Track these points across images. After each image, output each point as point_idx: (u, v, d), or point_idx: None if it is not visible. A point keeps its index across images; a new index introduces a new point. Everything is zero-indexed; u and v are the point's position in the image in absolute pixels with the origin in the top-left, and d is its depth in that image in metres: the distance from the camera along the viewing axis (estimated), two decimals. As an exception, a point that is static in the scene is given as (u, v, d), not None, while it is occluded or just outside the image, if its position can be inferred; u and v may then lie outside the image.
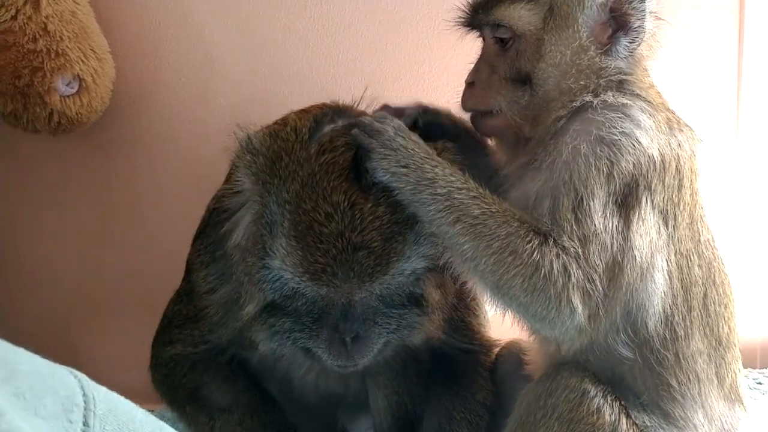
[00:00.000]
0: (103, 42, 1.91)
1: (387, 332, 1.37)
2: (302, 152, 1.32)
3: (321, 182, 1.29)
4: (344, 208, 1.27)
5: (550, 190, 1.27)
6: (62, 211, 2.11)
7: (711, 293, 1.38)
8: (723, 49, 2.18)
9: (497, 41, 1.38)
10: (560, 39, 1.33)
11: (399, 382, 1.57)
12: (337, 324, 1.32)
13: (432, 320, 1.41)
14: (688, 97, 2.13)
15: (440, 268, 1.34)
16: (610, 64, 1.33)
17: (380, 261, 1.28)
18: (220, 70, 2.05)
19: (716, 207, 2.15)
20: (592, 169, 1.25)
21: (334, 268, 1.27)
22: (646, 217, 1.28)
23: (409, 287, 1.36)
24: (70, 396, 0.89)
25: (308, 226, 1.27)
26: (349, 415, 1.76)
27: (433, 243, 1.32)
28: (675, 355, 1.34)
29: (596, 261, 1.23)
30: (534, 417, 1.33)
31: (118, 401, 0.98)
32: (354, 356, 1.34)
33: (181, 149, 2.08)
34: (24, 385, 0.84)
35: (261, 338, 1.39)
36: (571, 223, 1.24)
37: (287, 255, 1.29)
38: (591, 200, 1.24)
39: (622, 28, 1.33)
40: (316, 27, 2.06)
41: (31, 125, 1.85)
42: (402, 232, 1.30)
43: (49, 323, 2.11)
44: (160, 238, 2.08)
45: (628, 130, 1.27)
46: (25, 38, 1.77)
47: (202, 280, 1.51)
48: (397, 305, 1.36)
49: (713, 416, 1.37)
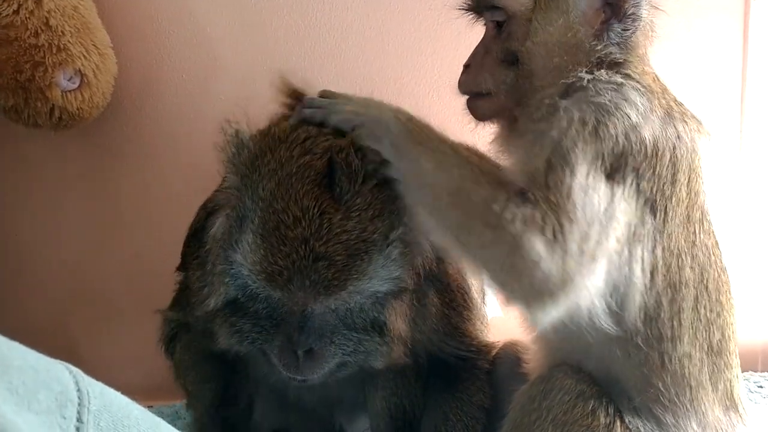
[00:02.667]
0: (105, 37, 1.91)
1: (342, 353, 1.35)
2: (285, 152, 1.31)
3: (296, 184, 1.27)
4: (313, 215, 1.25)
5: (527, 146, 1.27)
6: (62, 208, 2.11)
7: (702, 298, 1.35)
8: (727, 51, 2.17)
9: (495, 25, 1.40)
10: (548, 19, 1.33)
11: (397, 384, 1.56)
12: (292, 335, 1.30)
13: (394, 350, 1.39)
14: (692, 98, 2.13)
15: (408, 298, 1.34)
16: (600, 47, 1.32)
17: (339, 276, 1.25)
18: (222, 67, 2.05)
19: (719, 208, 2.15)
20: (576, 120, 1.23)
21: (292, 273, 1.25)
22: (629, 198, 1.24)
23: (373, 312, 1.34)
24: (64, 392, 0.89)
25: (275, 227, 1.25)
26: (346, 416, 1.75)
27: (401, 265, 1.31)
28: (661, 355, 1.32)
29: (575, 212, 1.17)
30: (529, 418, 1.32)
31: (114, 397, 0.97)
32: (304, 370, 1.33)
33: (182, 146, 2.07)
34: (17, 380, 0.83)
35: (221, 334, 1.39)
36: (540, 168, 1.20)
37: (249, 252, 1.28)
38: (571, 150, 1.21)
39: (616, 15, 1.33)
40: (318, 25, 2.06)
41: (32, 120, 1.84)
42: (368, 251, 1.27)
43: (49, 320, 2.11)
44: (161, 235, 2.07)
45: (618, 101, 1.26)
46: (26, 33, 1.76)
47: (196, 279, 1.50)
48: (358, 329, 1.34)
49: (707, 423, 1.35)
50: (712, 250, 1.38)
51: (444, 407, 1.57)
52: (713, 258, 1.38)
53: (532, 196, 1.18)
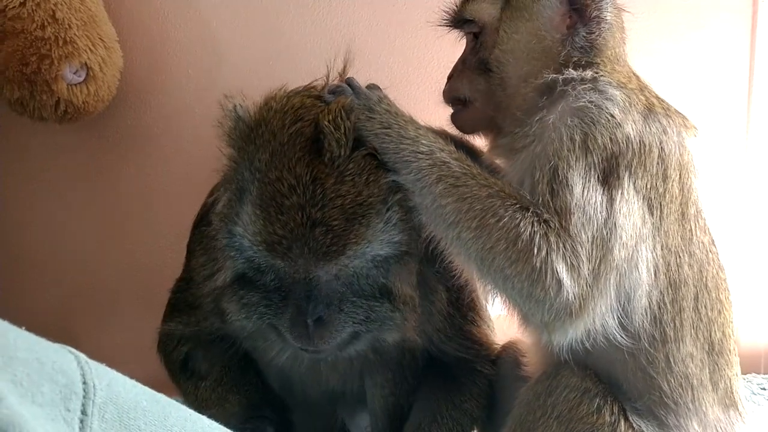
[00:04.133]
0: (111, 31, 1.91)
1: (353, 322, 1.33)
2: (278, 122, 1.31)
3: (288, 153, 1.27)
4: (306, 182, 1.25)
5: (528, 169, 1.27)
6: (65, 201, 2.11)
7: (702, 296, 1.35)
8: (735, 51, 2.17)
9: (473, 37, 1.46)
10: (514, 27, 1.37)
11: (396, 383, 1.56)
12: (301, 305, 1.30)
13: (406, 318, 1.37)
14: (700, 97, 2.13)
15: (411, 264, 1.33)
16: (566, 51, 1.34)
17: (337, 240, 1.25)
18: (227, 61, 2.05)
19: (726, 208, 2.15)
20: (565, 139, 1.25)
21: (291, 241, 1.25)
22: (629, 198, 1.25)
23: (380, 278, 1.33)
24: (69, 384, 0.88)
25: (271, 197, 1.26)
26: (348, 412, 1.75)
27: (401, 230, 1.30)
28: (666, 357, 1.32)
29: (579, 234, 1.20)
30: (533, 416, 1.32)
31: (122, 388, 0.97)
32: (316, 341, 1.31)
33: (187, 140, 2.07)
34: (21, 372, 0.83)
35: (231, 310, 1.38)
36: (547, 195, 1.22)
37: (249, 223, 1.28)
38: (567, 171, 1.23)
39: (581, 19, 1.35)
40: (323, 20, 2.06)
41: (38, 113, 1.84)
42: (366, 214, 1.26)
43: (52, 313, 2.11)
44: (164, 230, 2.08)
45: (599, 101, 1.28)
46: (33, 25, 1.77)
47: (200, 267, 1.50)
48: (367, 295, 1.33)
49: (708, 423, 1.35)
50: (709, 248, 1.38)
51: (434, 406, 1.55)
52: (710, 255, 1.38)
53: (551, 225, 1.19)
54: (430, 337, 1.51)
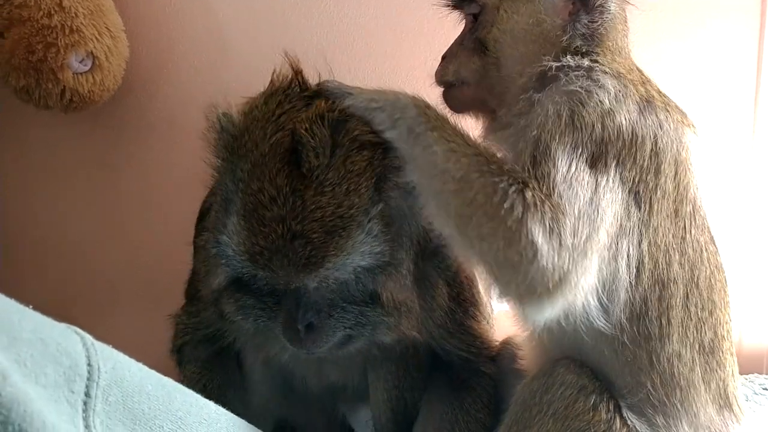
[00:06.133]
0: (117, 20, 1.91)
1: (344, 327, 1.34)
2: (260, 131, 1.31)
3: (269, 164, 1.27)
4: (286, 193, 1.25)
5: (513, 143, 1.27)
6: (69, 191, 2.11)
7: (693, 296, 1.33)
8: (743, 51, 2.16)
9: (472, 18, 1.44)
10: (515, 8, 1.36)
11: (400, 376, 1.56)
12: (291, 311, 1.31)
13: (401, 321, 1.38)
14: (706, 97, 2.12)
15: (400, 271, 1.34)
16: (566, 38, 1.33)
17: (316, 253, 1.25)
18: (233, 53, 2.05)
19: (731, 209, 2.15)
20: (551, 113, 1.24)
21: (272, 253, 1.26)
22: (614, 187, 1.24)
23: (369, 285, 1.33)
24: (73, 366, 0.88)
25: (254, 208, 1.27)
26: (350, 406, 1.76)
27: (383, 240, 1.30)
28: (648, 354, 1.30)
29: (565, 206, 1.17)
30: (529, 413, 1.32)
31: (127, 371, 0.97)
32: (307, 344, 1.33)
33: (192, 132, 2.05)
34: (25, 353, 0.83)
35: (228, 310, 1.40)
36: (528, 164, 1.21)
37: (234, 233, 1.29)
38: (551, 142, 1.21)
39: (584, 7, 1.34)
40: (330, 13, 2.05)
41: (43, 101, 1.84)
42: (346, 227, 1.26)
43: (52, 304, 2.09)
44: (169, 221, 2.07)
45: (590, 87, 1.26)
46: (39, 13, 1.76)
47: (201, 263, 1.51)
48: (357, 301, 1.34)
49: (699, 424, 1.34)
50: (705, 247, 1.36)
51: (449, 418, 1.54)
52: (706, 255, 1.35)
53: (531, 187, 1.17)
54: (431, 333, 1.51)
